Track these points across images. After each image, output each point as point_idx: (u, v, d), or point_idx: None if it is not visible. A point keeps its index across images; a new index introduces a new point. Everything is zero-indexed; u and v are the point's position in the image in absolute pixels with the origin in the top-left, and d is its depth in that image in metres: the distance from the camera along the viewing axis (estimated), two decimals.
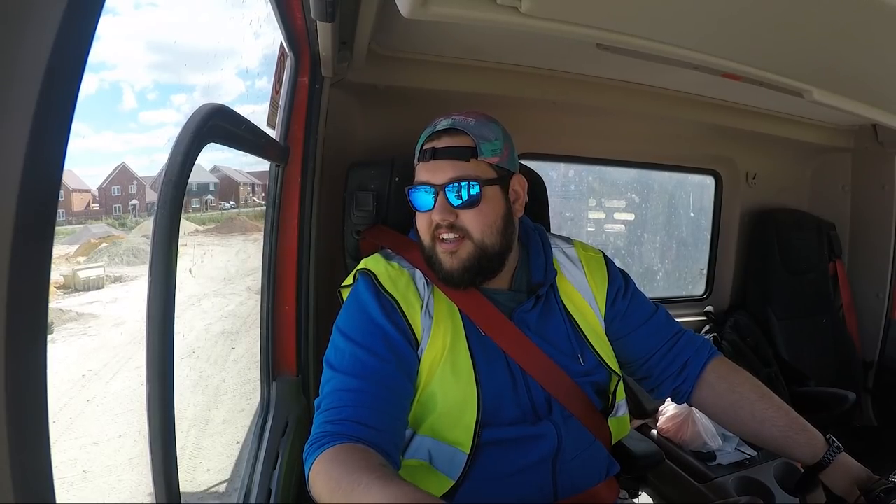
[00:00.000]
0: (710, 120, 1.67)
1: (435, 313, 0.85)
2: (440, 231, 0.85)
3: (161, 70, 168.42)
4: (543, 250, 0.95)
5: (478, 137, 0.85)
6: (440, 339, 0.83)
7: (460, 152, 0.84)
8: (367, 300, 0.84)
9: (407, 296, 0.85)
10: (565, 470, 0.84)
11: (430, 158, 0.85)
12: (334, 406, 0.75)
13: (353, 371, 0.78)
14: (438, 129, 0.87)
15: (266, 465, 0.92)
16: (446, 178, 0.83)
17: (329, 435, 0.71)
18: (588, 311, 0.93)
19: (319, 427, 0.74)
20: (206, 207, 13.81)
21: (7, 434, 0.29)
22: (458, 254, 0.84)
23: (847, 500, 0.78)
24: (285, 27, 0.99)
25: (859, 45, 0.55)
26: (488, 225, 0.85)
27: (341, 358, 0.80)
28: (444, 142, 0.85)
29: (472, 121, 0.86)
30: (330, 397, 0.77)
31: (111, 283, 6.45)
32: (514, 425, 0.83)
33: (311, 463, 0.69)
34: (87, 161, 48.77)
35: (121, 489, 2.81)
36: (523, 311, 0.89)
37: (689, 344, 0.94)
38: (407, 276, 0.88)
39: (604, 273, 0.97)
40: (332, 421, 0.73)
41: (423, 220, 0.87)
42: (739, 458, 1.47)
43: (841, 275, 2.03)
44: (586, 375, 0.90)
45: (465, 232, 0.84)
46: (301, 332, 1.15)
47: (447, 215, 0.83)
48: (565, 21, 0.51)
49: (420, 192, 0.86)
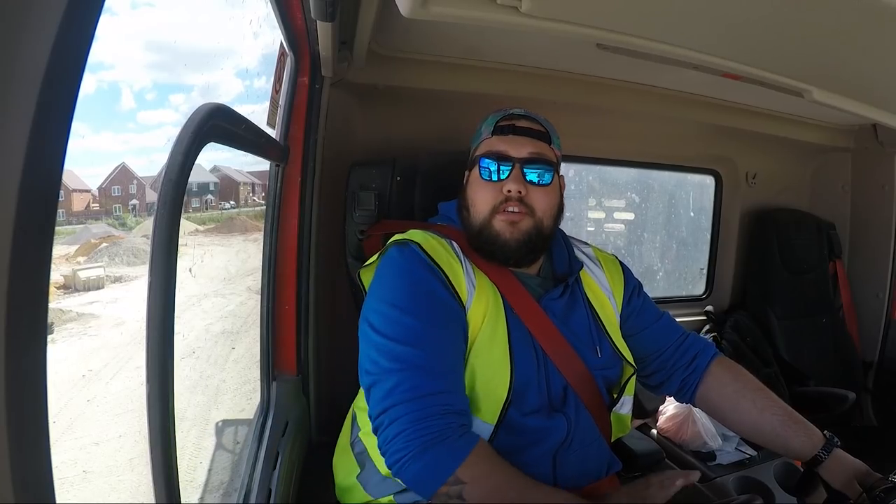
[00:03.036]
0: (710, 120, 1.67)
1: (477, 281, 0.86)
2: (508, 203, 0.86)
3: (159, 70, 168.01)
4: (565, 245, 0.99)
5: (548, 128, 0.92)
6: (482, 307, 0.84)
7: (539, 134, 0.90)
8: (414, 267, 0.83)
9: (450, 262, 0.85)
10: (566, 462, 0.85)
11: (510, 133, 0.89)
12: (431, 392, 0.74)
13: (425, 345, 0.77)
14: (512, 112, 0.92)
15: (266, 465, 0.92)
16: (526, 152, 0.87)
17: (460, 426, 0.74)
18: (608, 306, 0.97)
19: (427, 409, 0.73)
20: (206, 207, 13.80)
21: (7, 434, 0.29)
22: (519, 225, 0.86)
23: (847, 494, 0.79)
24: (285, 27, 0.99)
25: (859, 45, 0.55)
26: (550, 206, 0.89)
27: (400, 329, 0.78)
28: (523, 122, 0.90)
29: (540, 116, 0.93)
30: (407, 373, 0.75)
31: (111, 284, 6.44)
32: (532, 414, 0.84)
33: (462, 457, 0.71)
34: (87, 161, 48.82)
35: (121, 489, 2.80)
36: (551, 297, 0.90)
37: (697, 341, 1.01)
38: (446, 244, 0.88)
39: (620, 273, 1.02)
40: (446, 411, 0.74)
41: (489, 190, 0.88)
42: (739, 457, 1.47)
43: (841, 275, 2.03)
44: (602, 369, 0.91)
45: (530, 209, 0.87)
46: (301, 331, 1.15)
47: (521, 186, 0.86)
48: (565, 21, 0.51)
49: (493, 162, 0.88)
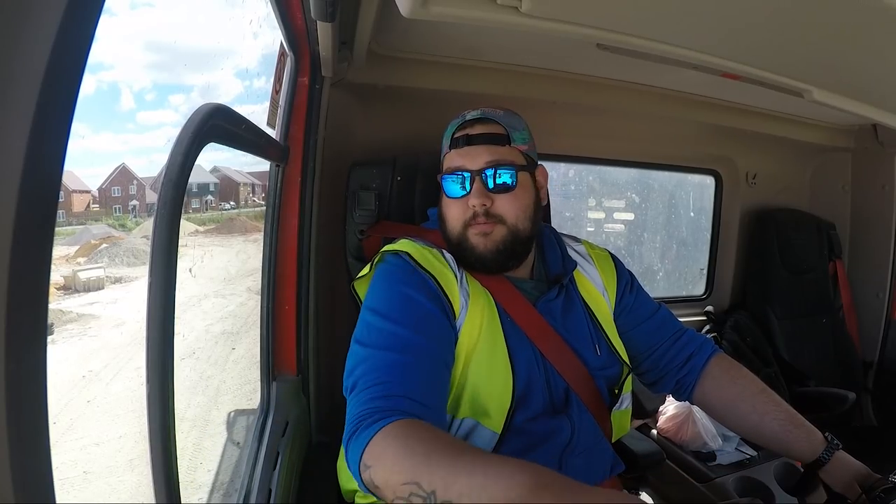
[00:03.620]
0: (710, 120, 1.67)
1: (471, 291, 0.85)
2: (476, 219, 0.85)
3: (159, 70, 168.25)
4: (557, 244, 0.97)
5: (508, 126, 0.88)
6: (477, 317, 0.83)
7: (495, 138, 0.87)
8: (401, 277, 0.82)
9: (442, 271, 0.84)
10: (571, 465, 0.84)
11: (465, 144, 0.87)
12: (380, 382, 0.67)
13: (394, 346, 0.72)
14: (469, 118, 0.89)
15: (266, 466, 0.92)
16: (482, 162, 0.85)
17: (384, 410, 0.63)
18: (603, 303, 0.96)
19: (365, 404, 0.65)
20: (207, 208, 13.80)
21: (7, 435, 0.29)
22: (491, 236, 0.85)
23: (847, 496, 0.78)
24: (285, 27, 0.99)
25: (859, 45, 0.55)
26: (522, 210, 0.87)
27: (378, 335, 0.74)
28: (477, 129, 0.88)
29: (500, 112, 0.90)
30: (370, 374, 0.69)
31: (111, 284, 6.45)
32: (537, 418, 0.83)
33: (367, 441, 0.60)
34: (87, 162, 48.88)
35: (121, 490, 2.80)
36: (547, 300, 0.90)
37: (693, 339, 0.97)
38: (438, 254, 0.87)
39: (612, 269, 1.00)
40: (381, 396, 0.65)
41: (456, 206, 0.87)
42: (739, 458, 1.47)
43: (841, 275, 2.03)
44: (602, 370, 0.90)
45: (499, 219, 0.85)
46: (301, 332, 1.15)
47: (484, 199, 0.84)
48: (565, 21, 0.51)
49: (454, 179, 0.87)
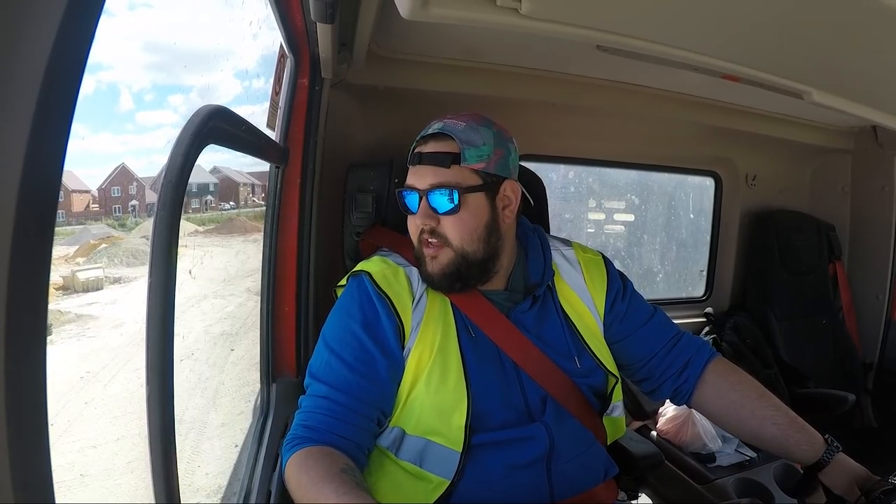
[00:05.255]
0: (710, 121, 1.67)
1: (427, 311, 0.86)
2: (424, 236, 0.86)
3: (158, 70, 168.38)
4: (542, 252, 0.95)
5: (463, 143, 0.84)
6: (429, 339, 0.84)
7: (441, 158, 0.84)
8: (352, 308, 0.85)
9: (400, 293, 0.86)
10: (561, 471, 0.84)
11: (416, 163, 0.87)
12: (309, 410, 0.80)
13: (328, 380, 0.81)
14: (428, 133, 0.87)
15: (266, 467, 0.92)
16: (427, 184, 0.85)
17: (301, 438, 0.77)
18: (586, 314, 0.93)
19: (294, 428, 0.79)
20: (206, 208, 13.80)
21: (7, 435, 0.29)
22: (438, 259, 0.86)
23: (847, 499, 0.78)
24: (285, 28, 0.99)
25: (859, 46, 0.55)
26: (468, 233, 0.85)
27: (319, 365, 0.84)
28: (429, 147, 0.86)
29: (461, 125, 0.85)
30: (307, 400, 0.82)
31: (110, 285, 6.44)
32: (504, 428, 0.83)
33: (285, 462, 0.76)
34: (86, 162, 48.92)
35: (119, 493, 2.79)
36: (520, 311, 0.89)
37: (689, 345, 0.95)
38: (402, 273, 0.89)
39: (603, 275, 0.97)
40: (304, 425, 0.78)
41: (411, 223, 0.89)
42: (739, 459, 1.47)
43: (841, 276, 2.03)
44: (583, 377, 0.89)
45: (444, 239, 0.85)
46: (301, 332, 1.14)
47: (428, 220, 0.85)
48: (565, 22, 0.51)
49: (407, 196, 0.88)
